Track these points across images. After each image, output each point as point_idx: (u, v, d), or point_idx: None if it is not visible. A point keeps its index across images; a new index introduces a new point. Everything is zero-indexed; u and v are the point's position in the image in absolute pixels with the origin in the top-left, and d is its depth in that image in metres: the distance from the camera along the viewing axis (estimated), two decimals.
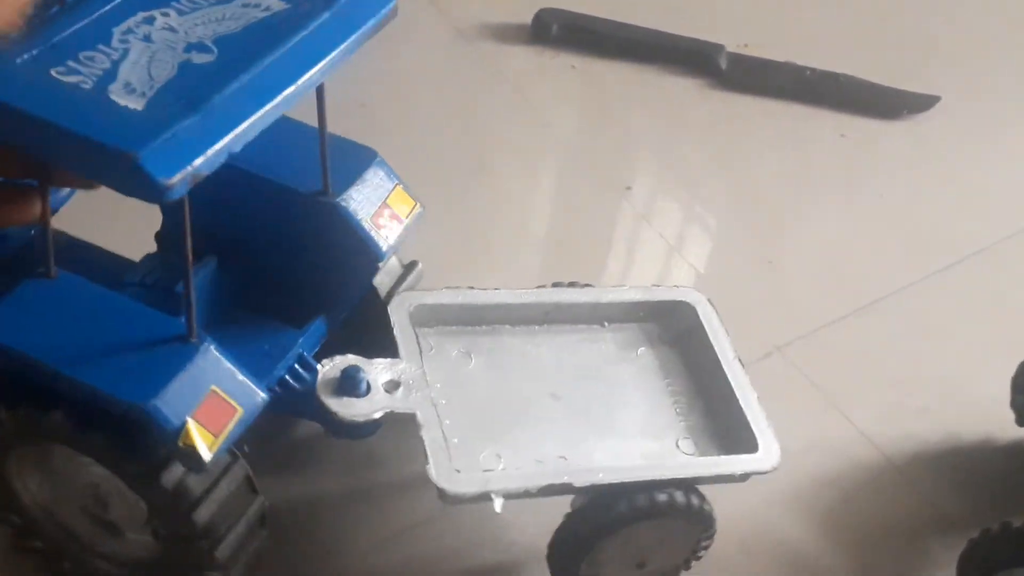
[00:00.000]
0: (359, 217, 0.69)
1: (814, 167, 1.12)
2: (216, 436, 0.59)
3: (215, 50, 0.59)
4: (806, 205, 1.08)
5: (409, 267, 0.78)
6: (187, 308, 0.60)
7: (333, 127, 0.97)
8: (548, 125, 1.13)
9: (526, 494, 0.66)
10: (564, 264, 0.99)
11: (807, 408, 0.90)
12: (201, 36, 0.60)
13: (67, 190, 0.71)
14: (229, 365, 0.61)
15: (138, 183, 0.52)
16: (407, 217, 0.72)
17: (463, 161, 1.06)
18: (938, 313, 0.99)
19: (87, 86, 0.56)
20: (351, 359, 0.69)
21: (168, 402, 0.58)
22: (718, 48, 1.19)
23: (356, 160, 0.72)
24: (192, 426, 0.58)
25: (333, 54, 0.61)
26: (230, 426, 0.60)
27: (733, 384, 0.75)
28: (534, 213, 1.04)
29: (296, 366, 0.71)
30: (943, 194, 1.10)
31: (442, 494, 0.64)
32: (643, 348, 0.78)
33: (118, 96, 0.55)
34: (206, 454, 0.58)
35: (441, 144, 1.07)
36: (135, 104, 0.55)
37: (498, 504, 0.65)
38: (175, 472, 0.61)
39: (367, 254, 0.70)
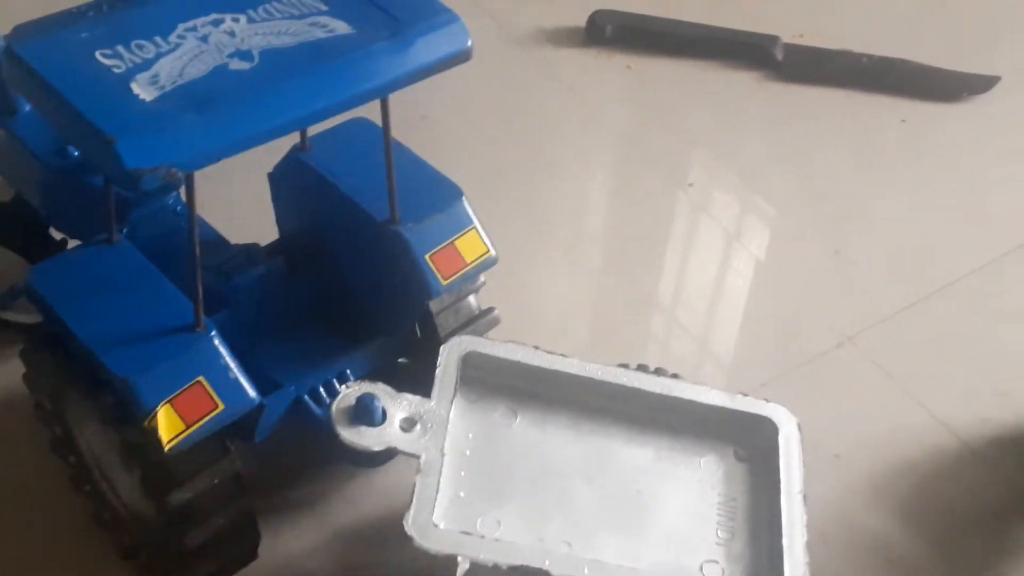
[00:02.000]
0: (418, 250, 0.70)
1: (876, 154, 1.12)
2: (188, 426, 0.60)
3: (257, 60, 0.60)
4: (870, 192, 1.07)
5: (484, 312, 0.77)
6: (195, 297, 0.62)
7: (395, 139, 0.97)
8: (607, 126, 1.14)
9: (495, 569, 0.62)
10: (627, 260, 1.00)
11: (881, 397, 0.90)
12: (253, 45, 0.61)
13: None
14: (227, 361, 0.62)
15: (112, 167, 0.55)
16: (473, 261, 0.72)
17: (524, 165, 1.07)
18: (1010, 295, 0.98)
19: (118, 71, 0.59)
20: (370, 387, 0.67)
21: (149, 382, 0.60)
22: (773, 39, 1.19)
23: (439, 195, 0.73)
24: (163, 411, 0.59)
25: (370, 84, 0.61)
26: (206, 419, 0.61)
27: (785, 520, 0.67)
28: (597, 211, 1.05)
29: (334, 380, 0.72)
30: (1009, 174, 1.09)
31: (411, 542, 0.62)
32: (708, 457, 0.71)
33: (138, 86, 0.58)
34: (167, 442, 0.60)
35: (502, 150, 1.08)
36: (147, 95, 0.57)
37: (461, 569, 0.62)
38: (184, 494, 0.63)
39: (419, 287, 0.71)
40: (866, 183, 1.09)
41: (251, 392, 0.63)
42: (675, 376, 0.73)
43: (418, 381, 0.68)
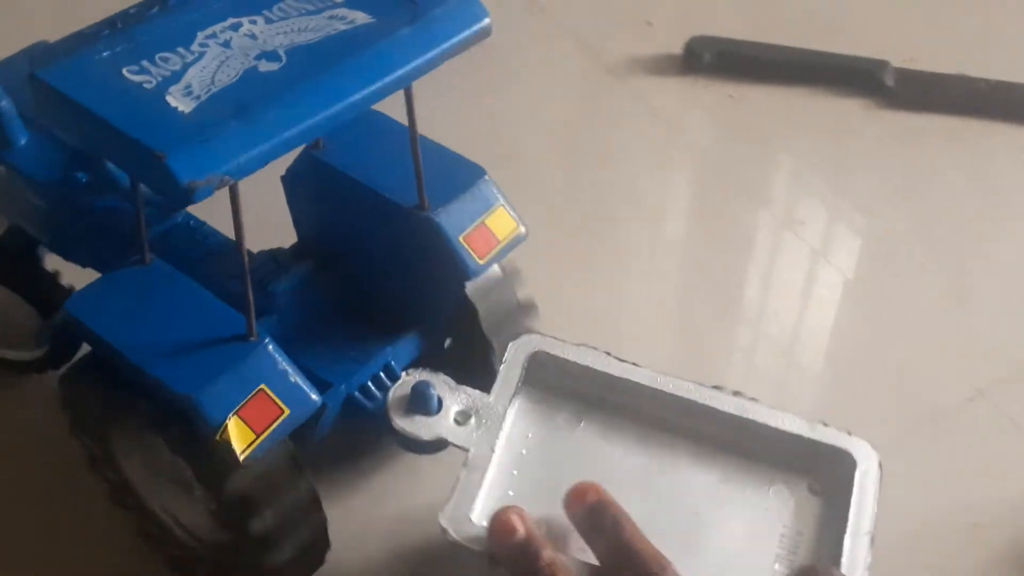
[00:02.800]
0: (451, 233, 0.69)
1: (999, 187, 1.05)
2: (258, 435, 0.60)
3: (284, 59, 0.60)
4: (995, 229, 1.00)
5: (526, 307, 0.76)
6: (247, 307, 0.61)
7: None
8: (707, 158, 1.08)
9: None
10: (734, 307, 0.94)
11: (1022, 458, 0.83)
12: (277, 45, 0.61)
13: None
14: (284, 366, 0.62)
15: (165, 183, 0.54)
16: (505, 238, 0.71)
17: (619, 204, 1.02)
18: None
19: (149, 86, 0.58)
20: (428, 375, 0.66)
21: (214, 396, 0.59)
22: (883, 64, 1.13)
23: (462, 176, 0.72)
24: (232, 423, 0.59)
25: (400, 71, 0.60)
26: (274, 426, 0.61)
27: (846, 560, 0.62)
28: (701, 253, 0.99)
29: (381, 374, 0.72)
30: None
31: (443, 531, 0.61)
32: (779, 487, 0.66)
33: (173, 98, 0.57)
34: (241, 452, 0.59)
35: (595, 185, 1.03)
36: (185, 107, 0.57)
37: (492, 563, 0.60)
38: (242, 478, 0.62)
39: (455, 271, 0.70)
40: (990, 219, 1.02)
41: (313, 394, 0.63)
42: (753, 400, 0.68)
43: (463, 371, 0.68)
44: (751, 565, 0.63)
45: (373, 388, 0.72)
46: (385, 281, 0.75)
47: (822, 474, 0.66)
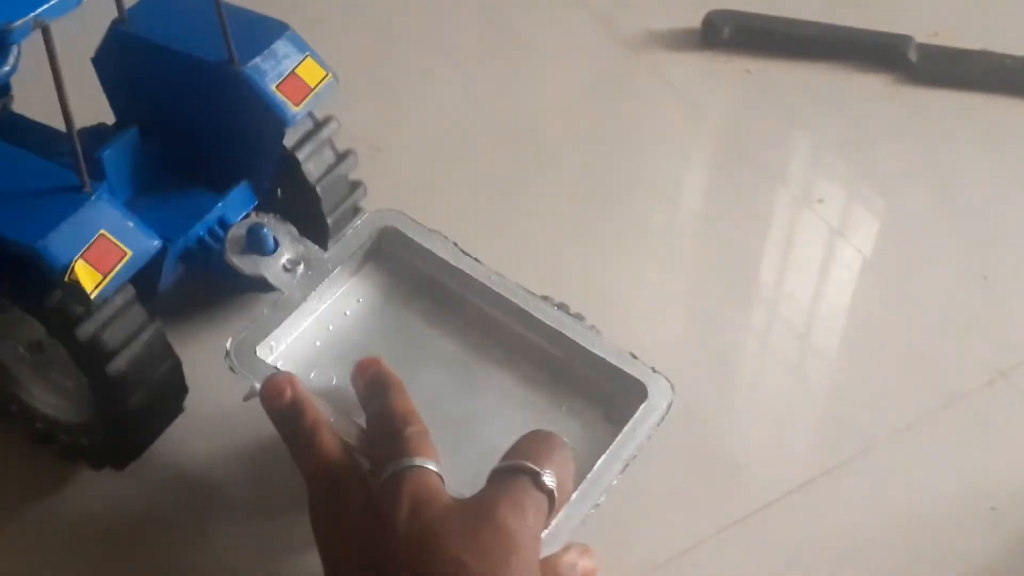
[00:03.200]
0: (264, 84, 0.73)
1: (1022, 166, 1.02)
2: (105, 275, 0.64)
3: None
4: (1018, 209, 0.98)
5: (343, 155, 0.81)
6: (75, 159, 0.64)
7: (506, 160, 0.93)
8: (725, 135, 1.06)
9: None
10: (751, 285, 0.93)
11: None
12: None
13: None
14: (120, 212, 0.66)
15: None
16: (317, 85, 0.75)
17: (635, 179, 1.00)
18: None
19: None
20: (270, 219, 0.70)
21: (57, 242, 0.62)
22: (906, 40, 1.10)
23: (267, 32, 0.76)
24: (78, 265, 0.62)
25: None
26: (119, 267, 0.64)
27: (591, 478, 0.63)
28: (717, 231, 0.97)
29: (216, 227, 0.77)
30: None
31: (226, 353, 0.65)
32: (574, 405, 0.68)
33: None
34: (91, 291, 0.63)
35: (610, 161, 1.02)
36: None
37: (248, 394, 0.64)
38: (92, 323, 0.66)
39: (272, 120, 0.74)
40: (1012, 198, 0.99)
41: (152, 236, 0.66)
42: (578, 316, 0.71)
43: (300, 222, 0.73)
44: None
45: (210, 240, 0.77)
46: (208, 141, 0.78)
47: (619, 404, 0.68)
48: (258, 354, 0.66)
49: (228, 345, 0.66)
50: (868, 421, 0.82)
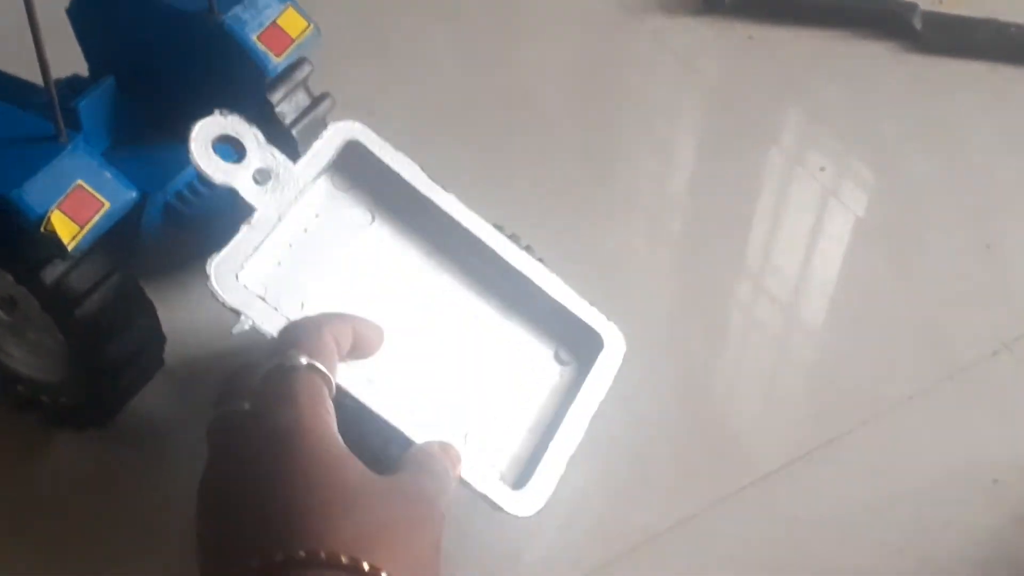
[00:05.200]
0: (245, 33, 0.72)
1: None
2: (81, 227, 0.62)
3: None
4: (1022, 179, 0.96)
5: (318, 98, 0.79)
6: (52, 109, 0.62)
7: (502, 125, 0.91)
8: (726, 103, 1.04)
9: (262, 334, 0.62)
10: (750, 251, 0.91)
11: None
12: None
13: None
14: (97, 163, 0.64)
15: None
16: (299, 36, 0.74)
17: (633, 145, 0.98)
18: None
19: None
20: (237, 121, 0.65)
21: (33, 192, 0.61)
22: (911, 7, 1.08)
23: None
24: (55, 215, 0.61)
25: None
26: (96, 218, 0.63)
27: (562, 428, 0.65)
28: (716, 199, 0.95)
29: (195, 182, 0.76)
30: None
31: (207, 277, 0.62)
32: (531, 346, 0.70)
33: None
34: (68, 242, 0.61)
35: (608, 128, 1.00)
36: None
37: (238, 328, 0.62)
38: (56, 268, 0.64)
39: (253, 70, 0.73)
40: (1016, 168, 0.97)
41: (130, 187, 0.65)
42: (539, 260, 0.71)
43: None
44: (472, 406, 0.66)
45: (189, 195, 0.75)
46: (186, 93, 0.76)
47: (572, 347, 0.70)
48: (239, 280, 0.63)
49: (208, 267, 0.62)
50: (870, 392, 0.81)
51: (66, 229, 0.62)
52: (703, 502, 0.74)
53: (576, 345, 0.70)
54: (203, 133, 0.64)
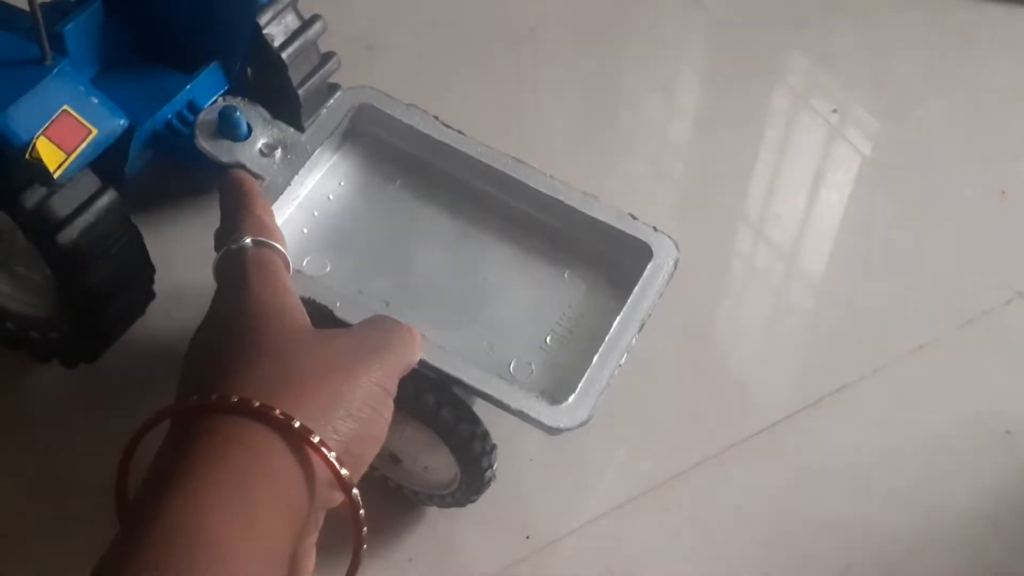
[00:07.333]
0: None
1: None
2: (68, 154, 0.60)
3: None
4: None
5: (326, 56, 0.77)
6: (37, 30, 0.60)
7: (499, 54, 0.87)
8: (735, 44, 1.00)
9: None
10: (763, 199, 0.89)
11: None
12: None
13: None
14: (84, 88, 0.62)
15: None
16: None
17: (638, 88, 0.96)
18: None
19: None
20: (237, 101, 0.66)
21: (17, 118, 0.59)
22: None
23: None
24: (40, 142, 0.59)
25: None
26: (83, 146, 0.61)
27: (607, 341, 0.62)
28: (725, 143, 0.93)
29: (185, 110, 0.74)
30: None
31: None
32: (577, 270, 0.67)
33: None
34: (54, 170, 0.60)
35: (613, 68, 0.97)
36: None
37: None
38: (37, 192, 0.62)
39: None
40: None
41: (120, 114, 0.63)
42: (566, 184, 0.68)
43: (272, 105, 0.68)
44: (521, 335, 0.64)
45: (178, 124, 0.74)
46: (174, 21, 0.75)
47: (622, 266, 0.67)
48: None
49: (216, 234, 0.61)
50: (880, 341, 0.79)
51: (52, 156, 0.60)
52: (706, 451, 0.73)
53: (630, 263, 0.66)
54: (206, 119, 0.65)
